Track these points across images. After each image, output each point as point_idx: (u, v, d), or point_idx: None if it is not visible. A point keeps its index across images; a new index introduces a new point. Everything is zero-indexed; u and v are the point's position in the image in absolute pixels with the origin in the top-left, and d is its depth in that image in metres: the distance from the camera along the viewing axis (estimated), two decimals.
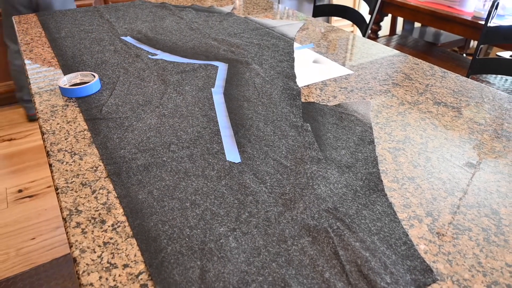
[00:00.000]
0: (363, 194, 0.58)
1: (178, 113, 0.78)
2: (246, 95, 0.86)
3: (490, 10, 1.54)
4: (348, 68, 1.03)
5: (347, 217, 0.53)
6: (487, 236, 0.52)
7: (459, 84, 0.94)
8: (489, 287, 0.45)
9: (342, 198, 0.57)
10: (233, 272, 0.46)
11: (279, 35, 1.22)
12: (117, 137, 0.70)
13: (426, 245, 0.51)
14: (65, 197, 0.58)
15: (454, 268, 0.47)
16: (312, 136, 0.71)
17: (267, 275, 0.46)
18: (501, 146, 0.71)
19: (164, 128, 0.73)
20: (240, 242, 0.50)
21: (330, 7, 2.21)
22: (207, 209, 0.55)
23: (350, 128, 0.75)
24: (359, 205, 0.56)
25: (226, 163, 0.64)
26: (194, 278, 0.45)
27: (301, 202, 0.56)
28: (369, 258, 0.47)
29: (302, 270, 0.46)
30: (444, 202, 0.58)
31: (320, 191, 0.58)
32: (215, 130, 0.73)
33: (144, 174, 0.62)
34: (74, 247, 0.50)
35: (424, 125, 0.77)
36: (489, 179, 0.62)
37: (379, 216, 0.54)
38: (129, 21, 1.33)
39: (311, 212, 0.54)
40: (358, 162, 0.65)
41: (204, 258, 0.48)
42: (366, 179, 0.61)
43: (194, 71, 0.96)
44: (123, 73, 0.95)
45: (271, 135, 0.72)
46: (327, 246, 0.49)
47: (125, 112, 0.78)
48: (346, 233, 0.51)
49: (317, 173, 0.62)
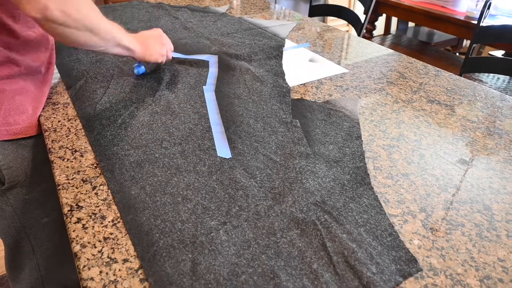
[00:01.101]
0: (350, 188, 0.58)
1: (170, 110, 0.78)
2: (237, 93, 0.86)
3: (482, 10, 1.54)
4: (343, 67, 1.03)
5: (334, 210, 0.54)
6: (480, 231, 0.52)
7: (452, 83, 0.94)
8: (482, 282, 0.45)
9: (330, 192, 0.57)
10: (224, 264, 0.46)
11: (271, 35, 1.22)
12: (110, 134, 0.70)
13: (420, 240, 0.50)
14: (66, 193, 0.58)
15: (447, 263, 0.47)
16: (301, 132, 0.71)
17: (256, 266, 0.46)
18: (493, 143, 0.71)
19: (156, 125, 0.73)
20: (231, 235, 0.50)
21: (325, 7, 2.21)
22: (199, 203, 0.55)
23: (338, 124, 0.75)
24: (346, 198, 0.56)
25: (217, 159, 0.64)
26: (185, 270, 0.45)
27: (290, 196, 0.56)
28: (355, 249, 0.48)
29: (290, 262, 0.47)
30: (438, 198, 0.58)
31: (309, 185, 0.58)
32: (206, 127, 0.73)
33: (136, 170, 0.61)
34: (75, 242, 0.50)
35: (418, 123, 0.77)
36: (481, 176, 0.62)
37: (366, 208, 0.55)
38: (126, 20, 1.32)
39: (300, 205, 0.55)
40: (346, 156, 0.65)
41: (195, 251, 0.48)
42: (353, 173, 0.61)
43: (186, 70, 0.96)
44: (117, 71, 0.94)
45: (261, 131, 0.72)
46: (315, 238, 0.50)
47: (118, 110, 0.78)
48: (333, 225, 0.51)
49: (305, 167, 0.62)
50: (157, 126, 0.73)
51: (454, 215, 0.55)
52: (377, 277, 0.44)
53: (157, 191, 0.57)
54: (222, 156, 0.65)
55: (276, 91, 0.87)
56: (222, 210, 0.54)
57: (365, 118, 0.78)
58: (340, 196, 0.57)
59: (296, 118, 0.76)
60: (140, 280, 0.45)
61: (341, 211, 0.54)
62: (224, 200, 0.56)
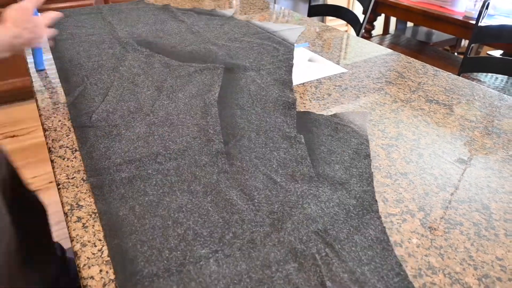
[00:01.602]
0: (356, 215, 0.54)
1: (169, 121, 0.75)
2: (240, 103, 0.82)
3: (480, 10, 1.54)
4: (342, 66, 1.02)
5: (337, 242, 0.50)
6: (478, 230, 0.52)
7: (451, 82, 0.94)
8: (480, 280, 0.45)
9: (333, 219, 0.53)
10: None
11: (280, 39, 1.19)
12: (104, 147, 0.67)
13: (418, 239, 0.50)
14: (66, 192, 0.58)
15: (446, 262, 0.47)
16: (305, 149, 0.67)
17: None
18: (492, 142, 0.71)
19: (152, 138, 0.69)
20: (221, 266, 0.46)
21: (324, 7, 2.21)
22: (190, 228, 0.51)
23: (345, 140, 0.71)
24: (350, 227, 0.52)
25: (214, 177, 0.60)
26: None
27: (289, 222, 0.52)
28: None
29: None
30: (436, 197, 0.58)
31: (311, 210, 0.54)
32: (205, 140, 0.69)
33: (127, 187, 0.58)
34: (75, 241, 0.50)
35: (416, 122, 0.77)
36: (480, 175, 0.62)
37: (371, 243, 0.50)
38: (131, 23, 1.31)
39: (299, 234, 0.50)
40: (352, 178, 0.61)
41: (181, 282, 0.44)
42: (360, 198, 0.57)
43: (189, 76, 0.94)
44: (118, 77, 0.91)
45: (263, 146, 0.68)
46: (314, 275, 0.45)
47: (114, 120, 0.75)
48: (334, 261, 0.47)
49: (308, 191, 0.58)
50: (153, 139, 0.69)
51: (452, 214, 0.55)
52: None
53: (147, 213, 0.54)
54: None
55: (281, 101, 0.83)
56: (215, 236, 0.50)
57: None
58: (344, 225, 0.52)
59: (301, 132, 0.72)
60: None
61: (344, 244, 0.49)
62: (217, 225, 0.52)
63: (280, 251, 0.48)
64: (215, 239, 0.50)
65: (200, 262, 0.47)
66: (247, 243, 0.49)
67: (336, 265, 0.47)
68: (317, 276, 0.45)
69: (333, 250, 0.48)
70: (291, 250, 0.48)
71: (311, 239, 0.50)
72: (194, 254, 0.48)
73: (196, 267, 0.46)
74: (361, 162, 0.65)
